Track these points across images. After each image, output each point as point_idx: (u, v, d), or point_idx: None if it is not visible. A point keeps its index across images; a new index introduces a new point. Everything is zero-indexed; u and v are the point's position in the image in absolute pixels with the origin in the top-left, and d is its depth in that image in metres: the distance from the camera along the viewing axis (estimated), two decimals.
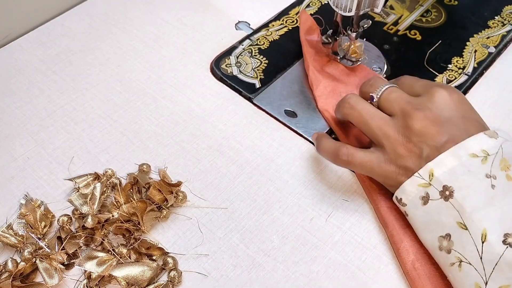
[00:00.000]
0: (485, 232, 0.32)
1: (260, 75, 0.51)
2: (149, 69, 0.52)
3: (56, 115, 0.48)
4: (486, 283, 0.32)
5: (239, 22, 0.57)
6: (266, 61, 0.52)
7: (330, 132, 0.46)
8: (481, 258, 0.32)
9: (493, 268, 0.31)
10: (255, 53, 0.53)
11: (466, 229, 0.33)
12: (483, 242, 0.32)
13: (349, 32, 0.47)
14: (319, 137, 0.41)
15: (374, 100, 0.40)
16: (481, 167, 0.34)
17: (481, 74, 0.51)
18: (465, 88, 0.50)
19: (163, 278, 0.37)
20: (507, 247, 0.31)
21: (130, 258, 0.37)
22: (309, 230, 0.40)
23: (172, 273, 0.37)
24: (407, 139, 0.36)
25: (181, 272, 0.37)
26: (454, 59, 0.52)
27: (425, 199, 0.35)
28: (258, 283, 0.37)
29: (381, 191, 0.41)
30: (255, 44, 0.54)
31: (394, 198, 0.38)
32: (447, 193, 0.34)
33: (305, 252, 0.39)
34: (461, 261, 0.33)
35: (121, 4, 0.59)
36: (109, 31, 0.56)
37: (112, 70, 0.52)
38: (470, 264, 0.33)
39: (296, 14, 0.57)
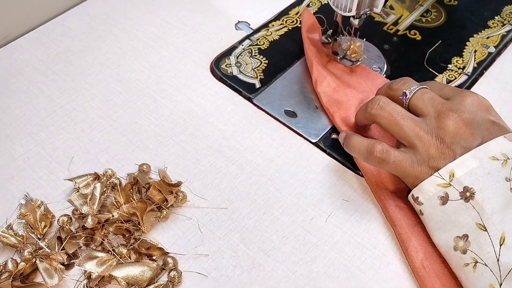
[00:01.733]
0: (504, 235, 0.32)
1: (260, 75, 0.51)
2: (149, 69, 0.52)
3: (56, 115, 0.48)
4: (500, 285, 0.32)
5: (239, 22, 0.57)
6: (266, 61, 0.52)
7: (333, 130, 0.46)
8: (498, 260, 0.32)
9: (510, 271, 0.32)
10: (255, 53, 0.53)
11: (486, 230, 0.33)
12: (501, 245, 0.32)
13: (351, 18, 0.46)
14: (349, 134, 0.41)
15: (407, 97, 0.39)
16: (501, 170, 0.34)
17: (481, 74, 0.51)
18: (465, 88, 0.50)
19: (163, 278, 0.37)
20: None
21: (130, 258, 0.37)
22: (309, 230, 0.40)
23: (172, 273, 0.37)
24: (440, 140, 0.36)
25: (181, 272, 0.37)
26: (454, 59, 0.52)
27: (444, 199, 0.35)
28: (258, 283, 0.37)
29: (388, 190, 0.41)
30: (255, 44, 0.54)
31: (410, 196, 0.38)
32: (467, 194, 0.34)
33: (305, 252, 0.39)
34: (476, 262, 0.33)
35: (121, 4, 0.59)
36: (109, 31, 0.56)
37: (112, 70, 0.52)
38: (486, 265, 0.33)
39: (296, 14, 0.57)
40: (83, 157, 0.44)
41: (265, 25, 0.56)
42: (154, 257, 0.38)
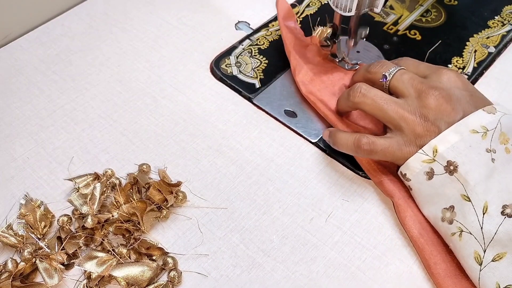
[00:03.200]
0: (487, 204, 0.34)
1: (260, 75, 0.51)
2: (149, 69, 0.52)
3: (56, 115, 0.48)
4: (484, 251, 0.34)
5: (239, 22, 0.57)
6: (266, 61, 0.52)
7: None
8: (481, 228, 0.34)
9: (492, 238, 0.34)
10: (255, 53, 0.53)
11: (470, 201, 0.35)
12: (484, 213, 0.34)
13: (347, 40, 0.48)
14: (333, 132, 0.42)
15: (387, 79, 0.40)
16: (481, 142, 0.36)
17: (481, 74, 0.51)
18: None
19: (163, 278, 0.37)
20: (505, 217, 0.33)
21: (130, 258, 0.37)
22: (309, 230, 0.40)
23: (172, 273, 0.37)
24: (424, 118, 0.37)
25: (181, 272, 0.37)
26: (454, 59, 0.52)
27: (430, 174, 0.37)
28: (258, 283, 0.37)
29: (380, 166, 0.42)
30: (255, 44, 0.54)
31: (398, 173, 0.39)
32: (451, 167, 0.36)
33: (305, 252, 0.39)
34: (462, 231, 0.35)
35: (121, 4, 0.59)
36: (109, 31, 0.56)
37: (112, 70, 0.52)
38: (470, 233, 0.34)
39: (296, 14, 0.57)
40: (83, 157, 0.44)
41: (265, 25, 0.56)
42: (154, 257, 0.38)
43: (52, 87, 0.50)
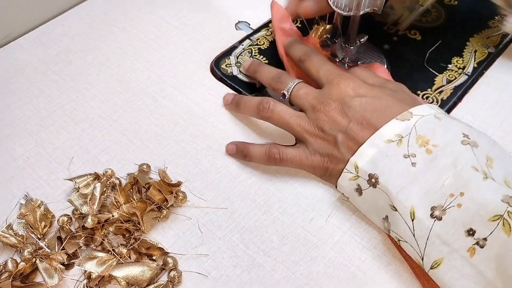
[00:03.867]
0: (413, 210, 0.34)
1: None
2: (149, 69, 0.52)
3: (56, 115, 0.48)
4: (422, 258, 0.34)
5: (239, 22, 0.57)
6: (266, 61, 0.52)
7: None
8: (414, 235, 0.34)
9: (426, 243, 0.34)
10: (255, 53, 0.53)
11: (396, 210, 0.35)
12: (412, 220, 0.34)
13: (346, 46, 0.48)
14: (241, 146, 0.44)
15: (286, 97, 0.43)
16: (397, 149, 0.36)
17: (481, 74, 0.51)
18: (465, 88, 0.50)
19: (163, 278, 0.37)
20: (435, 220, 0.33)
21: (130, 258, 0.37)
22: (309, 230, 0.40)
23: (172, 273, 0.37)
24: (321, 130, 0.40)
25: (181, 272, 0.37)
26: (454, 59, 0.52)
27: (359, 190, 0.38)
28: (258, 283, 0.37)
29: None
30: (255, 44, 0.54)
31: (340, 194, 0.41)
32: (373, 180, 0.36)
33: (305, 252, 0.39)
34: (399, 240, 0.36)
35: (121, 4, 0.59)
36: (109, 31, 0.56)
37: (112, 70, 0.52)
38: (406, 242, 0.35)
39: None
40: (83, 157, 0.44)
41: (265, 25, 0.56)
42: (154, 257, 0.38)
43: (52, 87, 0.50)
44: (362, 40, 0.48)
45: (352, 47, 0.48)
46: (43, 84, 0.50)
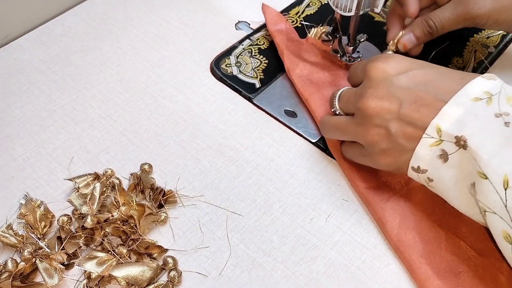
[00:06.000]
0: (507, 178, 0.30)
1: (260, 75, 0.51)
2: (149, 69, 0.52)
3: (56, 115, 0.48)
4: None
5: (239, 22, 0.57)
6: (266, 61, 0.52)
7: None
8: (505, 206, 0.30)
9: None
10: (255, 53, 0.53)
11: (487, 178, 0.31)
12: (505, 189, 0.30)
13: (346, 46, 0.48)
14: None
15: (338, 112, 0.41)
16: (487, 108, 0.32)
17: (481, 74, 0.51)
18: None
19: (163, 278, 0.37)
20: None
21: (130, 258, 0.37)
22: (309, 230, 0.40)
23: (172, 273, 0.37)
24: (370, 126, 0.36)
25: (181, 272, 0.37)
26: (454, 59, 0.52)
27: (444, 156, 0.33)
28: (258, 283, 0.37)
29: (358, 172, 0.42)
30: (255, 44, 0.54)
31: (409, 169, 0.36)
32: (461, 142, 0.32)
33: (305, 252, 0.39)
34: (485, 211, 0.32)
35: (121, 4, 0.59)
36: (109, 31, 0.56)
37: (112, 70, 0.52)
38: (494, 213, 0.31)
39: (296, 14, 0.57)
40: (83, 157, 0.44)
41: (265, 25, 0.56)
42: (154, 256, 0.38)
43: (52, 87, 0.50)
44: (362, 40, 0.48)
45: (352, 47, 0.49)
46: (43, 84, 0.50)
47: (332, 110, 0.42)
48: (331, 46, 0.51)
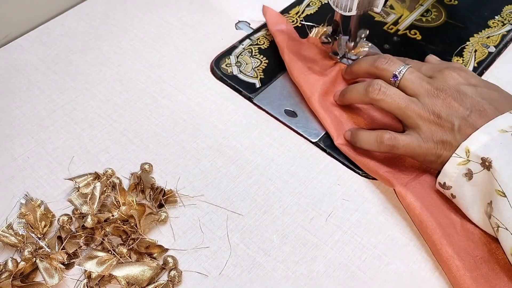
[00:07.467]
0: None
1: (260, 75, 0.51)
2: (149, 69, 0.52)
3: (56, 115, 0.48)
4: None
5: (239, 22, 0.57)
6: (266, 61, 0.52)
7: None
8: None
9: None
10: (255, 52, 0.53)
11: (505, 196, 0.34)
12: None
13: (347, 42, 0.48)
14: (355, 131, 0.43)
15: (398, 78, 0.42)
16: (511, 139, 0.36)
17: (481, 74, 0.51)
18: None
19: (163, 278, 0.37)
20: None
21: (131, 258, 0.37)
22: (309, 229, 0.40)
23: (172, 273, 0.37)
24: (437, 116, 0.39)
25: (181, 272, 0.37)
26: (454, 59, 0.52)
27: (469, 174, 0.37)
28: (258, 283, 0.37)
29: (374, 160, 0.43)
30: (255, 43, 0.54)
31: (437, 184, 0.40)
32: (487, 163, 0.36)
33: (305, 251, 0.39)
34: (498, 226, 0.35)
35: (121, 4, 0.59)
36: (109, 31, 0.56)
37: (112, 70, 0.52)
38: (507, 229, 0.34)
39: (297, 13, 0.57)
40: (83, 156, 0.44)
41: (265, 25, 0.56)
42: (154, 255, 0.38)
43: (52, 87, 0.50)
44: (363, 35, 0.48)
45: (353, 43, 0.48)
46: (43, 84, 0.50)
47: (391, 79, 0.42)
48: (330, 48, 0.51)
